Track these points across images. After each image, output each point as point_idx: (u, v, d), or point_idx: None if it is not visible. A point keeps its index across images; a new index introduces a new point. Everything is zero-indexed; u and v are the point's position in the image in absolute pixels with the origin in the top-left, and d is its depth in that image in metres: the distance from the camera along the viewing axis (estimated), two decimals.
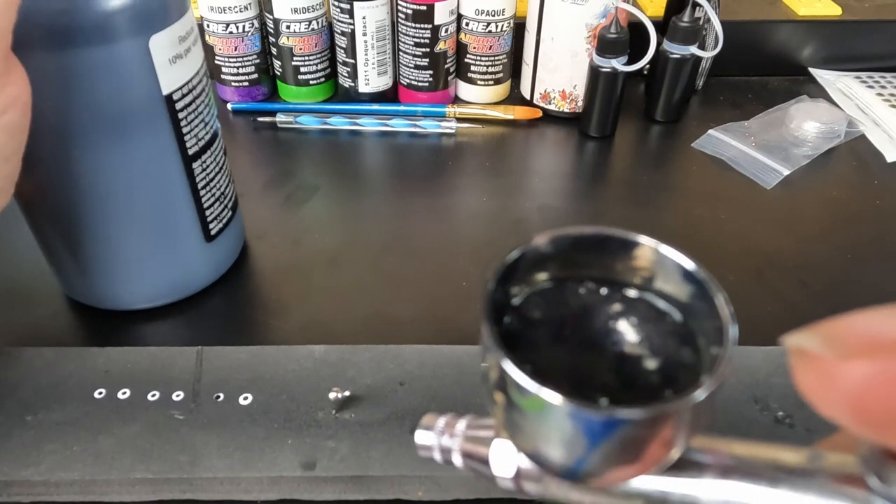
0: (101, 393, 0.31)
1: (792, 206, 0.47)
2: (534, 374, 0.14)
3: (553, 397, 0.14)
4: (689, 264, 0.16)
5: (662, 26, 0.53)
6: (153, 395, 0.31)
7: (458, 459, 0.20)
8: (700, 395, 0.14)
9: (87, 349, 0.33)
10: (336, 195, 0.48)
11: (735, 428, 0.30)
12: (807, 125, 0.52)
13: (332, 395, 0.30)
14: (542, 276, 0.17)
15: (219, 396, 0.31)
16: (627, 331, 0.16)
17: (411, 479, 0.29)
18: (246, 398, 0.31)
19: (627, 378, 0.15)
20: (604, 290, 0.17)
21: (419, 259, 0.42)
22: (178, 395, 0.31)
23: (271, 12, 0.53)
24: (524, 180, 0.51)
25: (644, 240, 0.17)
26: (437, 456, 0.21)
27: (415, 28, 0.53)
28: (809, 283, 0.41)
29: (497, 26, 0.54)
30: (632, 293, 0.17)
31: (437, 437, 0.20)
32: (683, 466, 0.16)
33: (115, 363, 0.33)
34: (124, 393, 0.31)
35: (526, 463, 0.18)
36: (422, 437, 0.21)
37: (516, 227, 0.45)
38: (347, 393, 0.31)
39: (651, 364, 0.16)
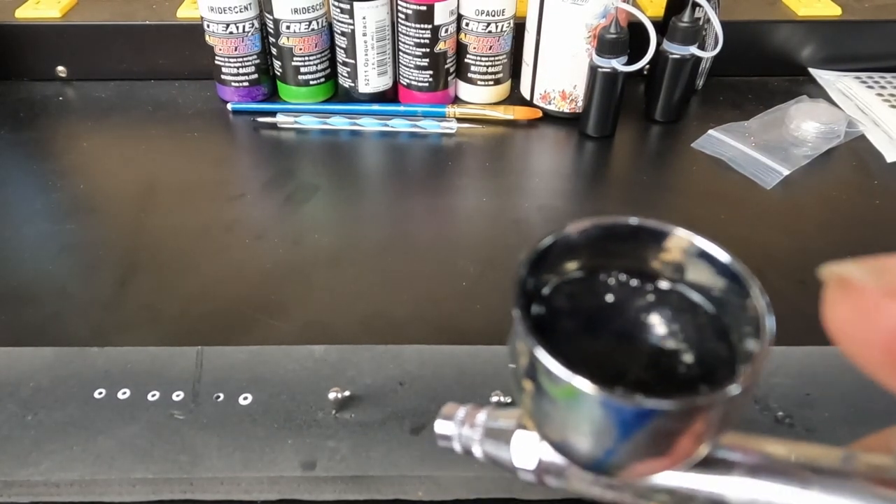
0: (101, 393, 0.31)
1: (792, 207, 0.47)
2: (566, 364, 0.14)
3: (586, 386, 0.13)
4: (724, 256, 0.16)
5: (662, 26, 0.53)
6: (153, 395, 0.31)
7: (477, 450, 0.20)
8: (736, 388, 0.13)
9: (87, 349, 0.33)
10: (336, 195, 0.48)
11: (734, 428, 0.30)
12: (806, 125, 0.52)
13: (331, 395, 0.30)
14: (572, 266, 0.17)
15: (219, 396, 0.31)
16: (660, 323, 0.16)
17: (411, 479, 0.29)
18: (246, 398, 0.31)
19: (662, 372, 0.15)
20: (635, 282, 0.17)
21: (419, 259, 0.42)
22: (178, 395, 0.31)
23: (271, 12, 0.53)
24: (524, 180, 0.51)
25: (678, 231, 0.16)
26: (457, 446, 0.20)
27: (415, 28, 0.53)
28: (809, 283, 0.41)
29: (497, 26, 0.54)
30: (664, 285, 0.17)
31: (457, 427, 0.20)
32: (711, 464, 0.15)
33: (115, 363, 0.33)
34: (124, 393, 0.31)
35: (548, 455, 0.17)
36: (441, 426, 0.20)
37: (516, 227, 0.45)
38: (347, 393, 0.31)
39: (686, 358, 0.15)
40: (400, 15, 0.53)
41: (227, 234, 0.44)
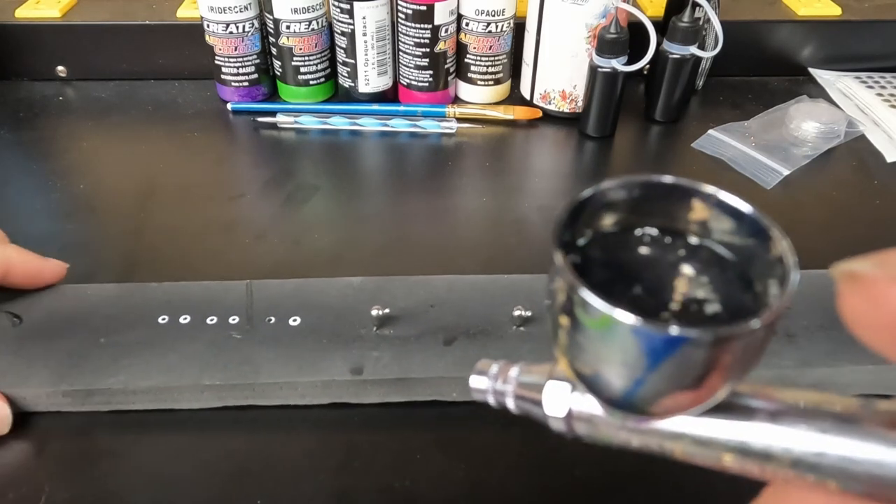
0: (164, 319, 0.34)
1: (792, 206, 0.47)
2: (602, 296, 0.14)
3: (620, 314, 0.14)
4: (748, 208, 0.16)
5: (662, 26, 0.53)
6: (211, 320, 0.34)
7: (511, 403, 0.21)
8: (757, 322, 0.14)
9: (147, 284, 0.36)
10: (336, 195, 0.48)
11: None
12: (806, 125, 0.52)
13: (374, 312, 0.33)
14: (608, 221, 0.18)
15: (270, 319, 0.34)
16: (690, 276, 0.17)
17: (447, 380, 0.32)
18: (295, 320, 0.34)
19: (690, 319, 0.16)
20: (667, 238, 0.18)
21: (419, 259, 0.42)
22: (233, 320, 0.34)
23: (271, 12, 0.53)
24: (524, 180, 0.51)
25: (706, 188, 0.17)
26: (491, 399, 0.21)
27: (415, 28, 0.53)
28: None
29: (497, 26, 0.54)
30: (693, 240, 0.18)
31: (490, 381, 0.21)
32: (733, 410, 0.16)
33: (174, 295, 0.35)
34: (185, 318, 0.34)
35: (577, 404, 0.18)
36: (476, 381, 0.21)
37: (516, 227, 0.45)
38: (388, 310, 0.33)
39: (713, 308, 0.16)
40: (400, 15, 0.53)
41: (227, 234, 0.44)
